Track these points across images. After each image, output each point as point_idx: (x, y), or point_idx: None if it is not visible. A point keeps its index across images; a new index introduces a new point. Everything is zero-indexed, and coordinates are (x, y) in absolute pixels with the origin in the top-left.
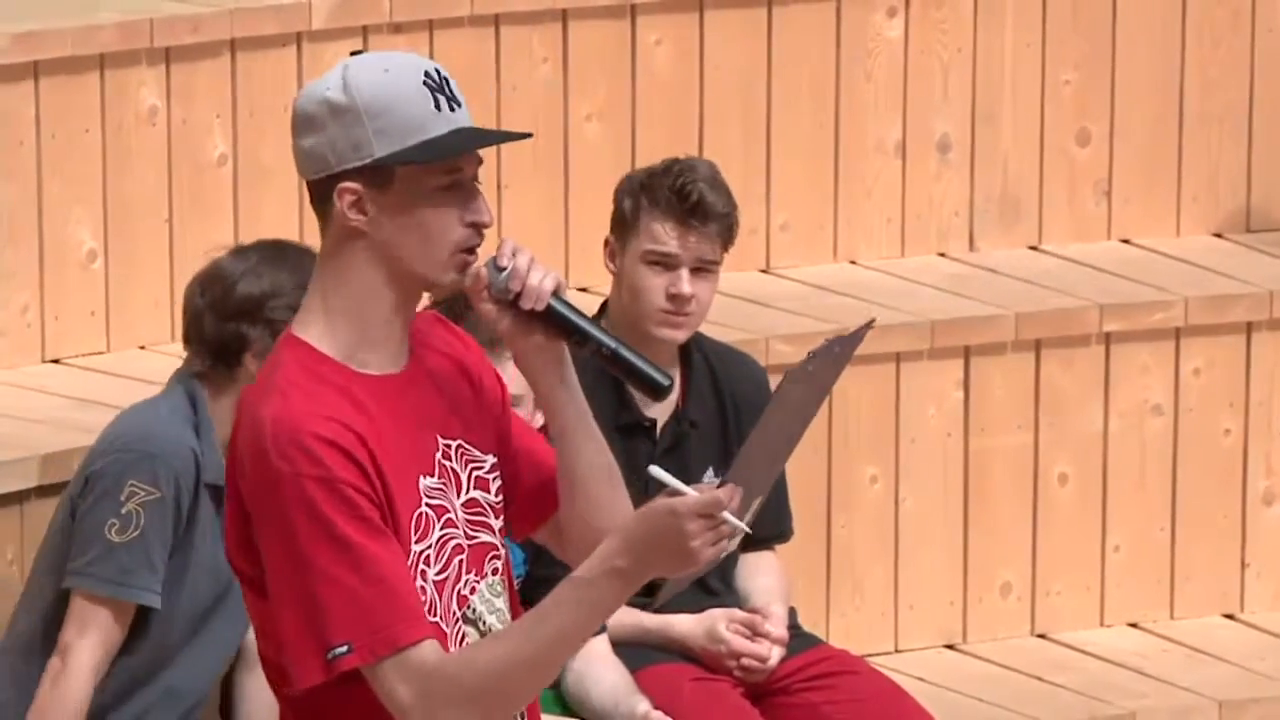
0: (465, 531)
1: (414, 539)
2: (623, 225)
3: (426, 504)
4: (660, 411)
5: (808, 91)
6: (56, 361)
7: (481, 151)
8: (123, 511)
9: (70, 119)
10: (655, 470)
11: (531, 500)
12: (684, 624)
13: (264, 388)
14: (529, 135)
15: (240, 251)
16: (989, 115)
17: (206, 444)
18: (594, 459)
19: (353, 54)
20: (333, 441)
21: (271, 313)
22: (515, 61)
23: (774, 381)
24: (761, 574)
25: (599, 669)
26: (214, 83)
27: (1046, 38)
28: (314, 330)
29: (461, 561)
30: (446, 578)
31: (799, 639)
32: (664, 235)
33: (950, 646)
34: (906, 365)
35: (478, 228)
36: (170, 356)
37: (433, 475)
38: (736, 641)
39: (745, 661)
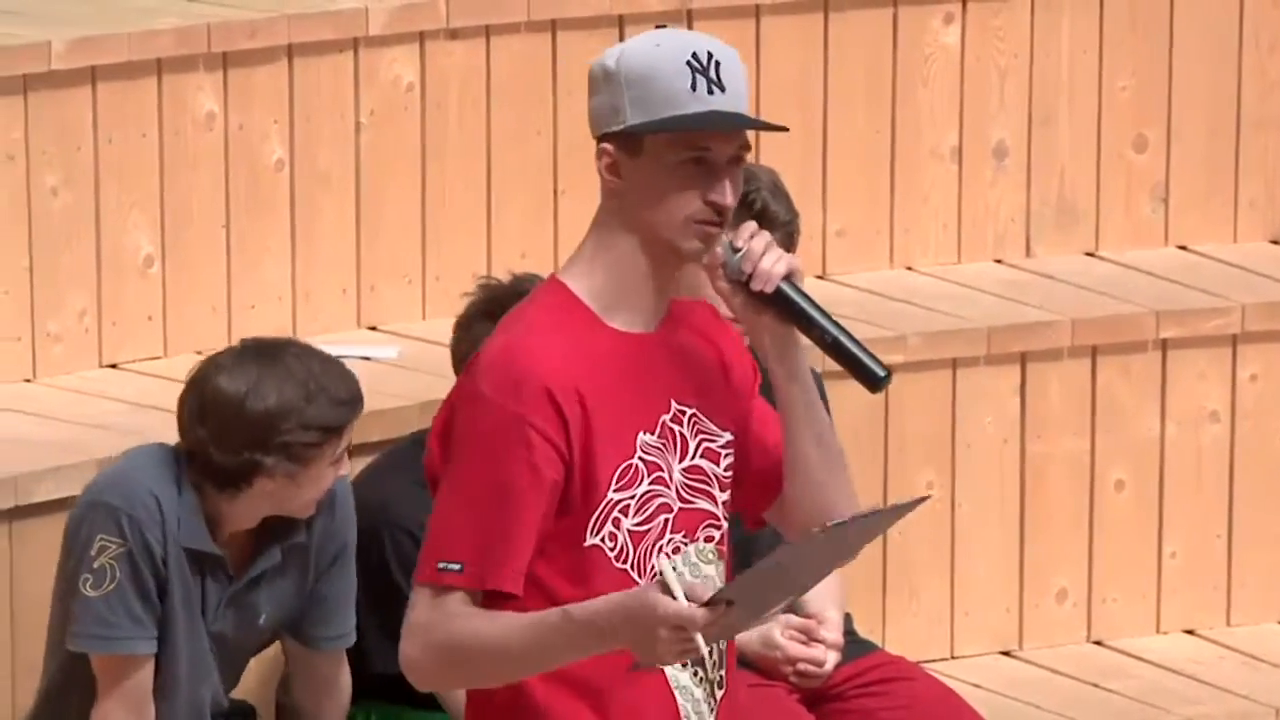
0: (679, 493)
1: (614, 487)
2: None
3: (640, 458)
4: None
5: (864, 97)
6: (114, 367)
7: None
8: (95, 566)
9: (128, 124)
10: (663, 565)
11: (759, 484)
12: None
13: (512, 319)
14: (785, 128)
15: (233, 367)
16: (1046, 121)
17: (186, 508)
18: (812, 442)
19: (657, 27)
20: (545, 386)
21: (285, 435)
22: (571, 66)
23: (829, 386)
24: None
25: None
26: (271, 88)
27: (1103, 43)
28: (576, 276)
29: (668, 520)
30: (647, 531)
31: (855, 645)
32: None
33: (1006, 653)
34: (963, 371)
35: (715, 207)
36: None
37: (653, 433)
38: (792, 647)
39: (801, 667)
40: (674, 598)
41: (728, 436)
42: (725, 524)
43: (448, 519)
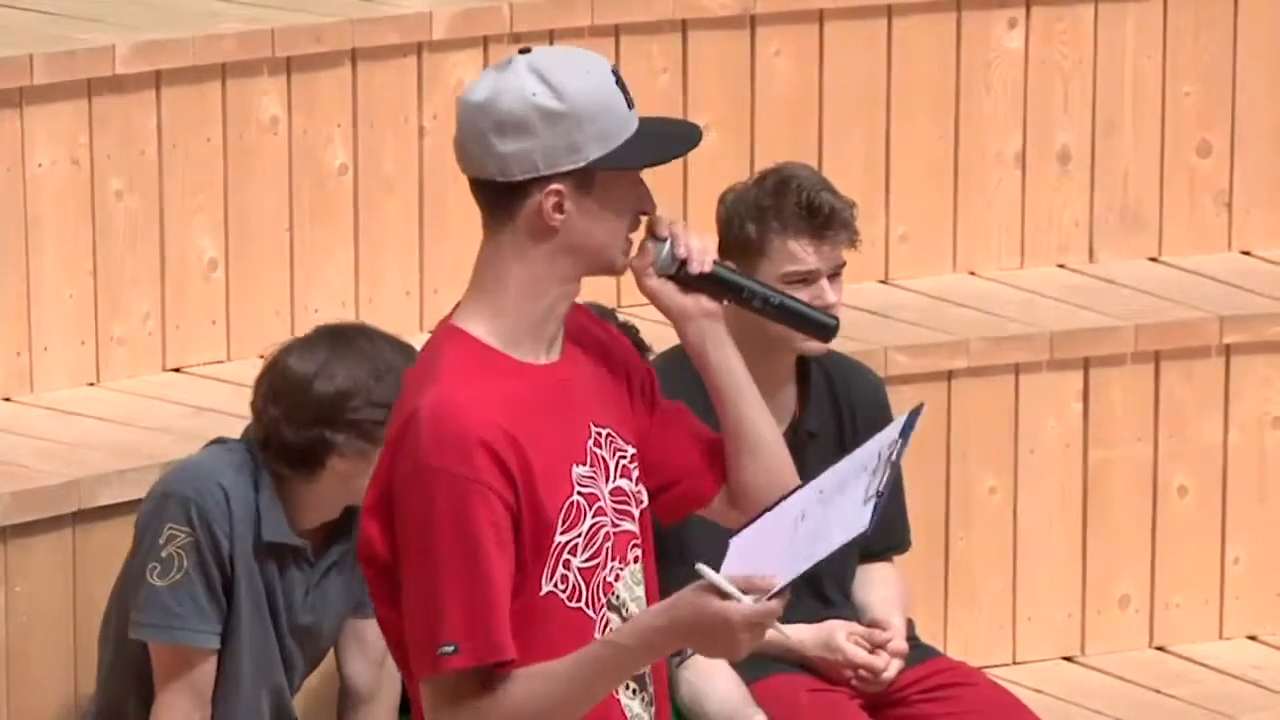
0: (612, 519)
1: (561, 529)
2: (748, 250)
3: (579, 492)
4: (777, 421)
5: (927, 102)
6: (177, 370)
7: None
8: (162, 555)
9: (192, 128)
10: (704, 570)
11: (693, 480)
12: (802, 634)
13: (421, 378)
14: (700, 136)
15: (304, 349)
16: (1109, 126)
17: (266, 502)
18: (761, 420)
19: (522, 51)
20: (484, 441)
21: (354, 413)
22: (635, 71)
23: (891, 391)
24: (879, 585)
25: (714, 680)
26: (335, 93)
27: (1167, 48)
28: (477, 321)
29: (608, 549)
30: (595, 565)
31: (917, 650)
32: (802, 253)
33: (1068, 658)
34: (1025, 376)
35: (645, 214)
36: None
37: (585, 464)
38: (852, 651)
39: (861, 672)
40: (732, 597)
41: (633, 450)
42: (642, 539)
43: (430, 602)
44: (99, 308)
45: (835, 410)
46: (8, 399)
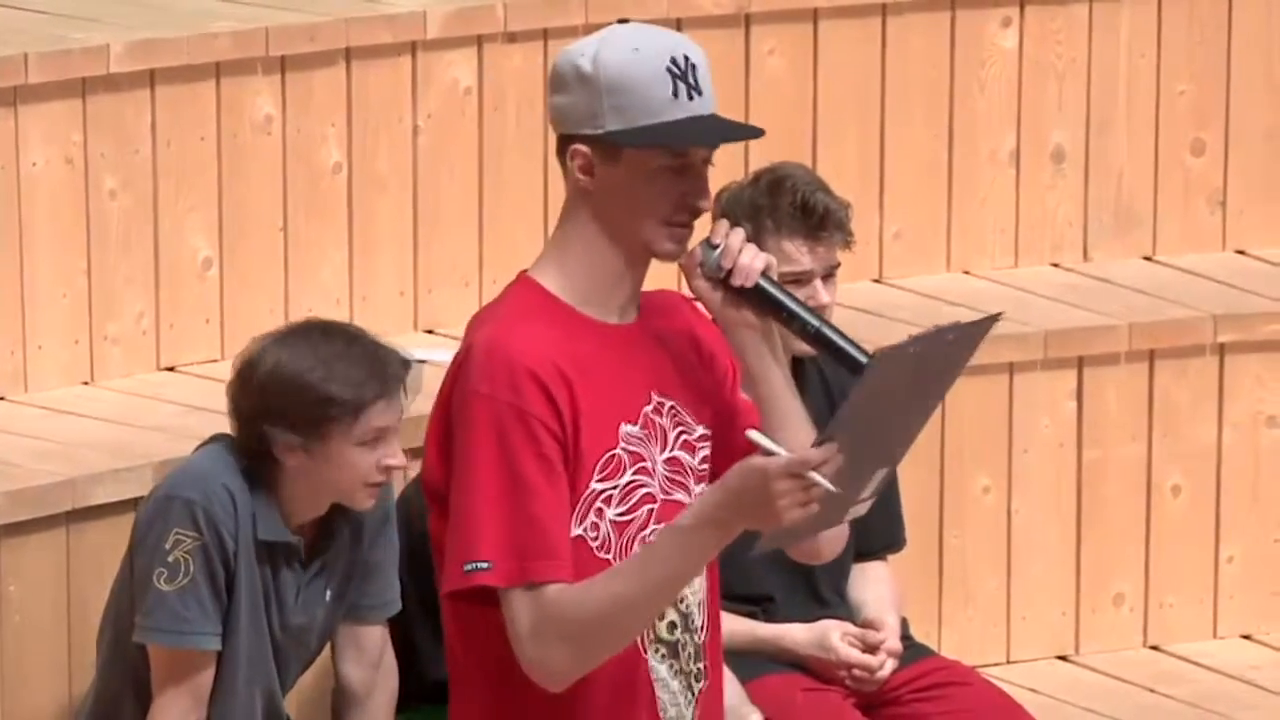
0: (661, 485)
1: (597, 477)
2: None
3: (623, 448)
4: None
5: (922, 101)
6: (171, 369)
7: None
8: (169, 560)
9: (186, 127)
10: (751, 433)
11: None
12: (797, 634)
13: (485, 318)
14: (759, 134)
15: (259, 341)
16: (1103, 125)
17: (260, 501)
18: (798, 430)
19: (620, 21)
20: (533, 373)
21: (292, 407)
22: None
23: None
24: (874, 584)
25: None
26: (329, 91)
27: (1161, 47)
28: (548, 272)
29: (651, 511)
30: (630, 521)
31: (911, 649)
32: (796, 254)
33: (1062, 658)
34: (1019, 375)
35: (692, 210)
36: None
37: (635, 424)
38: (845, 650)
39: (856, 672)
40: (774, 454)
41: (703, 430)
42: None
43: (469, 520)
44: (93, 307)
45: (829, 406)
46: (1, 398)
